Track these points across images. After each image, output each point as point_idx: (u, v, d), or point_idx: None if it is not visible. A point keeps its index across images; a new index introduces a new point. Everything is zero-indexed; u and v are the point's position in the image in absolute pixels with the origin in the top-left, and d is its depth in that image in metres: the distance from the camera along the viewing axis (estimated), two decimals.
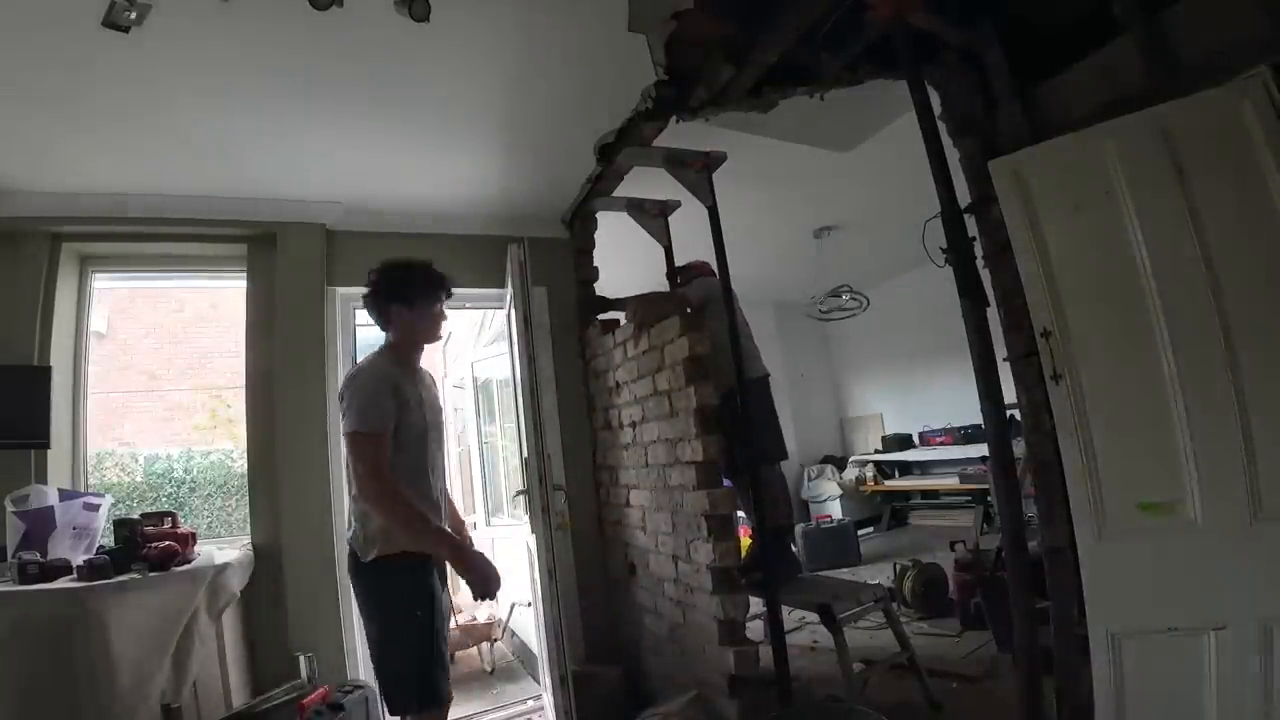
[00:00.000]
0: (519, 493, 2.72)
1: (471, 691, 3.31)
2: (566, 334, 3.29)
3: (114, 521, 2.27)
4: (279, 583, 2.58)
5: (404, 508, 1.68)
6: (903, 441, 6.25)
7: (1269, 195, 1.43)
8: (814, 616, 2.46)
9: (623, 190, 2.93)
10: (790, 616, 3.08)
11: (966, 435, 5.51)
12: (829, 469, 6.44)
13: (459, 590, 2.31)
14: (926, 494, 6.08)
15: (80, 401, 2.72)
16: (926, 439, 6.04)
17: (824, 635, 2.62)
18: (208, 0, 1.61)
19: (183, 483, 5.66)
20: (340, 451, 2.84)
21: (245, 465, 2.80)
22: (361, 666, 2.74)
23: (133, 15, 1.62)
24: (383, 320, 1.89)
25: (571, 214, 3.24)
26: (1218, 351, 1.45)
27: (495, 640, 3.69)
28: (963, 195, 1.80)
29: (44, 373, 2.49)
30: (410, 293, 1.86)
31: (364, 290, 1.90)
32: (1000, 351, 1.77)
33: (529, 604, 3.11)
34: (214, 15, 1.66)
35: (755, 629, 2.59)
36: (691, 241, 2.79)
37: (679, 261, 3.02)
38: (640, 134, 2.42)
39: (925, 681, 2.39)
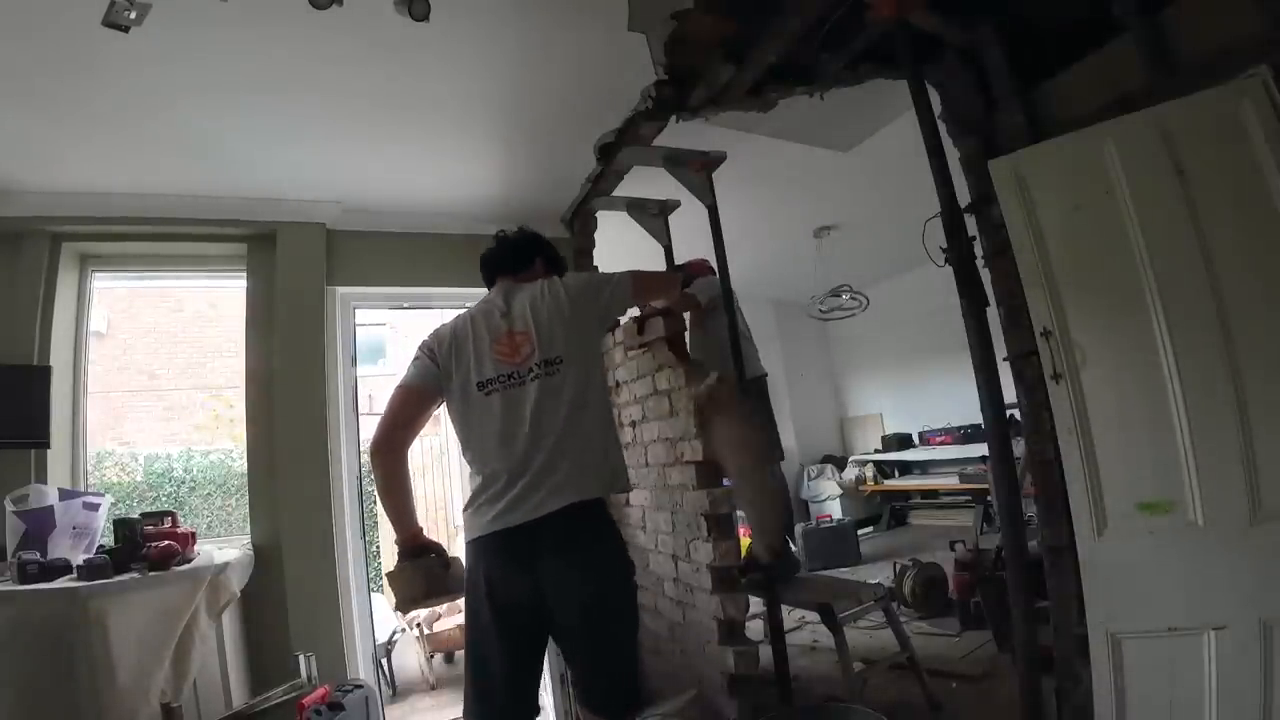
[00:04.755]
0: None
1: None
2: None
3: (114, 521, 2.27)
4: (279, 583, 2.58)
5: None
6: (903, 441, 6.25)
7: (1269, 195, 1.43)
8: (814, 616, 2.46)
9: (623, 190, 2.93)
10: (790, 616, 3.08)
11: (966, 435, 5.52)
12: (829, 469, 6.43)
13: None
14: (926, 494, 6.08)
15: (80, 401, 2.72)
16: (926, 439, 6.04)
17: (824, 635, 2.62)
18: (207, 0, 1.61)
19: (183, 482, 5.66)
20: (339, 450, 2.84)
21: (245, 465, 2.80)
22: (361, 666, 2.74)
23: (132, 15, 1.61)
24: (522, 265, 1.91)
25: (571, 214, 3.23)
26: (1218, 352, 1.45)
27: None
28: (963, 195, 1.80)
29: (44, 372, 2.49)
30: (558, 269, 1.96)
31: (510, 235, 1.97)
32: (1000, 351, 1.77)
33: None
34: (213, 15, 1.66)
35: (755, 629, 2.59)
36: (691, 241, 2.79)
37: (679, 261, 3.01)
38: (640, 134, 2.42)
39: (925, 681, 2.39)
